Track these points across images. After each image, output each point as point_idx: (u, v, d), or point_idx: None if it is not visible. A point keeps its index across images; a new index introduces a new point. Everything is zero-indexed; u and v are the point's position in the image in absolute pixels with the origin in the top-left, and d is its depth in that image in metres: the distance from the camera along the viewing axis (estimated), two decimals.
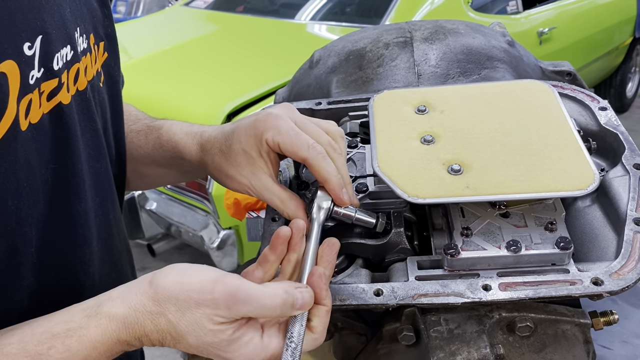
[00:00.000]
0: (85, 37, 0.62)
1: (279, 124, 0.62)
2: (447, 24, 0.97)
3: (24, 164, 0.51)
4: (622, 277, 0.58)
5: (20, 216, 0.51)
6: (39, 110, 0.53)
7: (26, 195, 0.52)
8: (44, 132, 0.54)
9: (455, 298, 0.59)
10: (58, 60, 0.55)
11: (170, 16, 3.78)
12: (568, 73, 0.99)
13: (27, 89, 0.51)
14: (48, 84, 0.54)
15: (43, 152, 0.54)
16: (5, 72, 0.48)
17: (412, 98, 0.76)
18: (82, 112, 0.60)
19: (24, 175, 0.51)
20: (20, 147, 0.50)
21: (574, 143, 0.66)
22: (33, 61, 0.51)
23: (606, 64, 4.66)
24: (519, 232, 0.63)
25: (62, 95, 0.56)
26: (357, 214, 0.65)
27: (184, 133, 0.75)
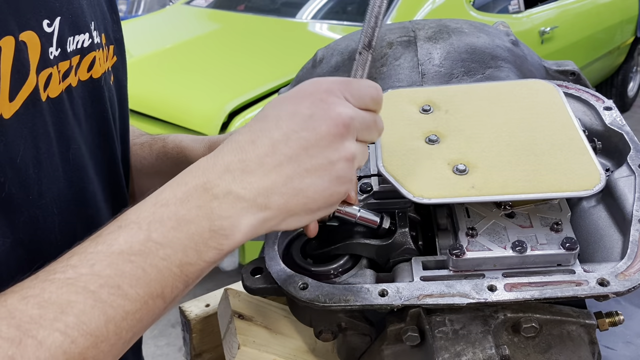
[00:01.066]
0: (99, 33, 0.63)
1: None
2: (451, 23, 0.96)
3: (43, 133, 0.51)
4: (628, 277, 0.58)
5: (41, 186, 0.51)
6: (58, 87, 0.53)
7: (46, 167, 0.52)
8: (62, 108, 0.54)
9: (460, 299, 0.59)
10: (70, 43, 0.56)
11: (171, 15, 3.78)
12: (572, 72, 0.99)
13: (46, 63, 0.51)
14: (63, 64, 0.55)
15: (59, 127, 0.54)
16: (26, 42, 0.48)
17: (417, 97, 0.76)
18: (93, 98, 0.61)
19: (44, 146, 0.51)
20: (39, 116, 0.51)
21: (579, 143, 0.65)
22: (52, 38, 0.52)
23: (608, 64, 4.66)
24: (524, 233, 0.63)
25: (72, 78, 0.57)
26: (360, 213, 0.65)
27: (190, 140, 0.77)
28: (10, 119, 0.47)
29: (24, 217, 0.50)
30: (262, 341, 0.78)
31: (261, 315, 0.81)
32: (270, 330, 0.80)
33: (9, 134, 0.48)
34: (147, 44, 3.14)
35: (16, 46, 0.47)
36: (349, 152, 0.49)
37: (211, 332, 0.93)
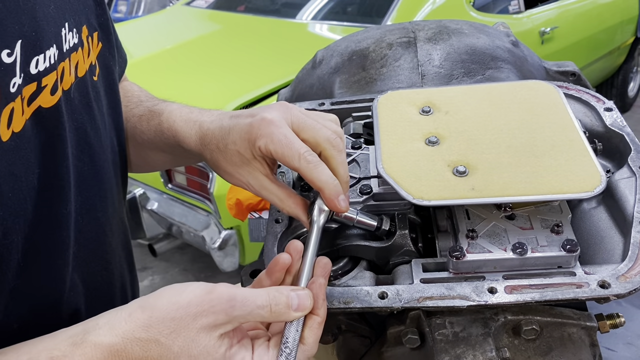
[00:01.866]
0: (76, 31, 0.60)
1: (272, 132, 0.61)
2: (451, 24, 0.96)
3: (7, 174, 0.49)
4: (629, 279, 0.58)
5: (5, 227, 0.50)
6: (22, 118, 0.51)
7: (11, 205, 0.50)
8: (27, 138, 0.52)
9: (460, 301, 0.58)
10: (38, 62, 0.53)
11: (172, 16, 3.78)
12: (572, 73, 0.99)
13: (8, 98, 0.49)
14: (27, 88, 0.52)
15: (28, 159, 0.52)
16: None
17: (417, 99, 0.76)
18: (67, 112, 0.58)
19: (8, 187, 0.50)
20: (2, 159, 0.49)
21: (580, 144, 0.65)
22: (14, 68, 0.49)
23: (608, 64, 4.66)
24: (524, 235, 0.63)
25: (42, 98, 0.54)
26: (358, 216, 0.65)
27: (183, 121, 0.74)
28: None
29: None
30: None
31: None
32: None
33: None
34: (148, 45, 3.13)
35: None
36: None
37: None
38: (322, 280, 0.57)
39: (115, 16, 5.58)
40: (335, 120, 0.66)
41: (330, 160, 0.62)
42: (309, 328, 0.55)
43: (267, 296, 0.53)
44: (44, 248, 0.56)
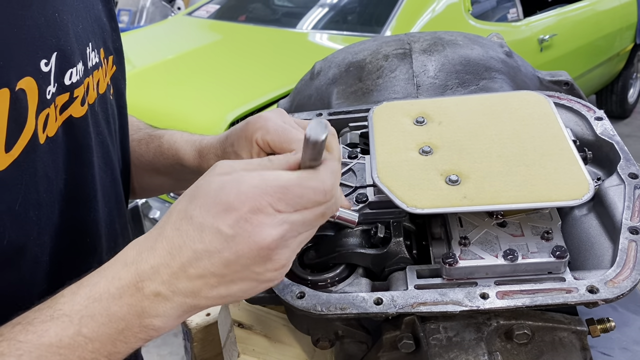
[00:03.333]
0: (97, 52, 0.65)
1: (267, 124, 0.63)
2: (446, 35, 0.98)
3: (43, 175, 0.53)
4: (617, 285, 0.59)
5: (40, 226, 0.53)
6: (55, 124, 0.55)
7: (45, 205, 0.53)
8: (59, 144, 0.56)
9: (453, 306, 0.60)
10: (72, 75, 0.57)
11: (173, 26, 3.81)
12: (565, 83, 1.00)
13: (44, 104, 0.52)
14: (60, 97, 0.56)
15: (58, 163, 0.56)
16: (24, 88, 0.49)
17: (411, 109, 0.78)
18: (93, 124, 0.62)
19: (43, 187, 0.53)
20: (39, 159, 0.52)
21: (569, 153, 0.67)
22: (49, 77, 0.53)
23: (607, 71, 4.68)
24: (515, 241, 0.64)
25: (74, 108, 0.58)
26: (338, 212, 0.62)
27: (184, 141, 0.77)
28: (6, 170, 0.48)
29: (26, 257, 0.52)
30: (262, 349, 0.79)
31: (260, 324, 0.83)
32: (269, 339, 0.81)
33: (6, 184, 0.49)
34: (150, 55, 3.17)
35: (12, 96, 0.48)
36: (277, 264, 0.48)
37: (212, 340, 0.94)
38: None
39: None
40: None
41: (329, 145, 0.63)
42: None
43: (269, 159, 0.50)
44: (68, 254, 0.59)
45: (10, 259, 0.51)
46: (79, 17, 0.61)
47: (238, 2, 3.82)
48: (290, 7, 3.85)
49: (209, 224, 0.46)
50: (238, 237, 0.45)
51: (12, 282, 0.51)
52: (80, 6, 0.62)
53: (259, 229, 0.45)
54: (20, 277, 0.52)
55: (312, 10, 3.42)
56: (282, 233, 0.46)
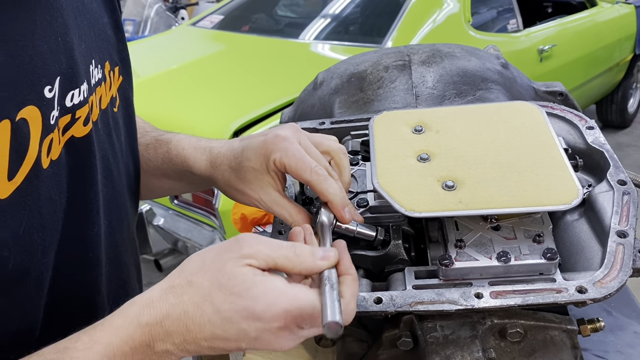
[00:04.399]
0: (100, 67, 0.66)
1: (286, 147, 0.67)
2: (444, 47, 1.02)
3: (46, 198, 0.54)
4: (604, 285, 0.62)
5: (44, 247, 0.55)
6: (58, 147, 0.56)
7: (49, 226, 0.55)
8: (62, 166, 0.57)
9: (449, 305, 0.63)
10: (74, 96, 0.58)
11: (178, 36, 3.86)
12: (560, 93, 1.04)
13: (48, 130, 0.54)
14: (63, 119, 0.57)
15: (61, 185, 0.57)
16: (26, 118, 0.50)
17: (409, 119, 0.81)
18: (96, 141, 0.64)
19: (47, 210, 0.54)
20: (42, 184, 0.53)
21: (559, 161, 0.70)
22: (53, 102, 0.54)
23: (607, 81, 4.72)
24: (508, 244, 0.68)
25: (76, 128, 0.59)
26: (358, 227, 0.70)
27: (192, 148, 0.79)
28: (9, 198, 0.49)
29: (31, 276, 0.54)
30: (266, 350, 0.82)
31: None
32: None
33: (9, 212, 0.49)
34: (154, 65, 3.21)
35: (13, 127, 0.49)
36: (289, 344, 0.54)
37: None
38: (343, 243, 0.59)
39: None
40: (336, 142, 0.73)
41: (339, 164, 0.70)
42: (344, 284, 0.55)
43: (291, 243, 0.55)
44: (71, 268, 0.61)
45: (16, 280, 0.52)
46: (82, 36, 0.61)
47: (241, 13, 3.87)
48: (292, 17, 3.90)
49: (236, 322, 0.51)
50: (259, 340, 0.52)
51: (17, 299, 0.53)
52: (84, 23, 0.62)
53: (280, 340, 0.52)
54: (25, 293, 0.54)
55: (315, 21, 3.46)
56: (296, 343, 0.53)
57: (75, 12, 0.61)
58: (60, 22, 0.57)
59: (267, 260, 0.52)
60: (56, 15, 0.56)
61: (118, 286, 0.72)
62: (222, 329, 0.51)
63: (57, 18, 0.56)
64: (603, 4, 4.70)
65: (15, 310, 0.53)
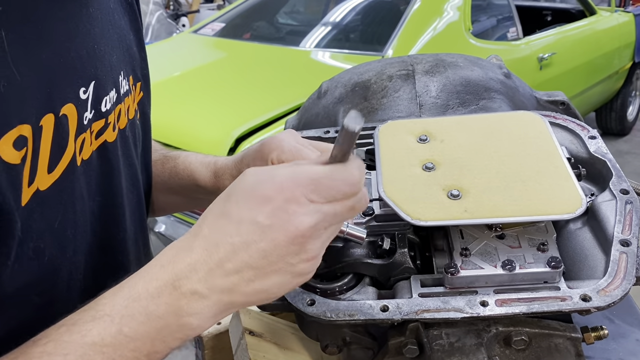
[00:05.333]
0: (127, 79, 0.69)
1: (282, 145, 0.68)
2: (447, 57, 1.03)
3: (79, 196, 0.56)
4: (608, 293, 0.63)
5: (76, 245, 0.56)
6: (90, 148, 0.59)
7: (80, 225, 0.57)
8: (93, 167, 0.59)
9: (455, 313, 0.64)
10: (106, 102, 0.61)
11: (180, 43, 3.88)
12: (562, 102, 1.05)
13: (82, 129, 0.57)
14: (97, 124, 0.60)
15: (91, 185, 0.59)
16: (67, 114, 0.54)
17: (414, 128, 0.82)
18: (123, 148, 0.66)
19: (79, 207, 0.57)
20: (76, 180, 0.56)
21: (563, 170, 0.71)
22: (87, 104, 0.58)
23: (606, 88, 4.74)
24: (513, 253, 0.68)
25: (108, 134, 0.62)
26: (348, 228, 0.68)
27: (199, 162, 0.81)
28: (47, 190, 0.51)
29: (62, 274, 0.55)
30: (272, 356, 0.83)
31: (271, 332, 0.87)
32: (279, 346, 0.85)
33: (48, 203, 0.51)
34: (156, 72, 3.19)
35: (56, 121, 0.52)
36: (310, 255, 0.50)
37: (222, 348, 0.98)
38: None
39: None
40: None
41: None
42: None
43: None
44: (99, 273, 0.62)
45: (49, 277, 0.54)
46: (114, 48, 0.65)
47: (243, 21, 3.89)
48: (293, 25, 3.92)
49: (247, 216, 0.49)
50: (275, 226, 0.48)
51: (48, 301, 0.54)
52: (114, 37, 0.66)
53: (294, 217, 0.48)
54: (56, 295, 0.55)
55: (315, 29, 3.48)
56: (315, 221, 0.49)
57: (108, 25, 0.64)
58: (97, 31, 0.60)
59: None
60: (94, 24, 0.60)
61: None
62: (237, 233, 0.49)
63: (94, 27, 0.60)
64: (602, 13, 4.73)
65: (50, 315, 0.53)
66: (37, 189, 0.50)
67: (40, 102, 0.50)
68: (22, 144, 0.48)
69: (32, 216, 0.50)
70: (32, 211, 0.50)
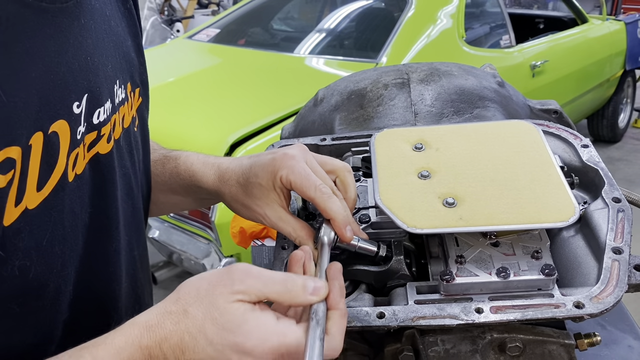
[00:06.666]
0: (123, 87, 0.68)
1: (293, 165, 0.69)
2: (442, 66, 1.04)
3: (69, 211, 0.56)
4: (601, 301, 0.64)
5: (64, 259, 0.56)
6: (83, 162, 0.58)
7: (70, 240, 0.57)
8: (86, 180, 0.59)
9: (450, 320, 0.64)
10: (100, 114, 0.60)
11: (174, 49, 3.88)
12: (555, 111, 1.07)
13: (75, 144, 0.56)
14: (89, 136, 0.59)
15: (84, 198, 0.59)
16: (57, 131, 0.53)
17: (410, 136, 0.83)
18: (117, 158, 0.66)
19: (69, 222, 0.56)
20: (67, 197, 0.55)
21: (556, 179, 0.72)
22: (80, 118, 0.57)
23: (598, 96, 4.78)
24: (508, 260, 0.69)
25: (100, 145, 0.61)
26: (360, 243, 0.71)
27: (201, 163, 0.81)
28: (36, 208, 0.51)
29: (49, 288, 0.55)
30: None
31: None
32: None
33: (35, 222, 0.51)
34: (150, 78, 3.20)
35: (45, 139, 0.51)
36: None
37: None
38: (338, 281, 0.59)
39: None
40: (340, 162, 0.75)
41: (344, 181, 0.72)
42: (330, 319, 0.56)
43: (283, 275, 0.56)
44: (91, 283, 0.62)
45: (34, 291, 0.53)
46: (109, 57, 0.64)
47: (237, 27, 3.90)
48: (288, 32, 3.94)
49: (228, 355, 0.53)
50: None
51: (33, 312, 0.54)
52: (110, 45, 0.65)
53: None
54: (42, 306, 0.54)
55: (310, 35, 3.50)
56: None
57: (103, 34, 0.63)
58: (89, 42, 0.59)
59: (258, 295, 0.54)
60: (86, 35, 0.59)
61: (134, 301, 0.73)
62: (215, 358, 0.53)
63: (87, 38, 0.59)
64: (594, 21, 4.78)
65: (31, 323, 0.54)
66: (25, 207, 0.50)
67: (30, 121, 0.49)
68: (10, 167, 0.47)
69: (19, 235, 0.49)
70: (19, 231, 0.49)
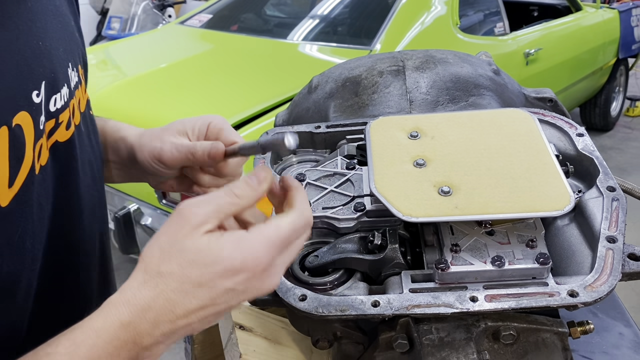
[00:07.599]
0: (76, 70, 0.65)
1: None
2: (437, 53, 1.04)
3: (37, 205, 0.54)
4: (595, 289, 0.64)
5: (34, 254, 0.54)
6: (46, 152, 0.56)
7: (38, 233, 0.55)
8: (49, 171, 0.57)
9: (445, 308, 0.65)
10: (56, 101, 0.57)
11: (165, 34, 3.84)
12: (550, 99, 1.06)
13: (39, 135, 0.53)
14: (48, 124, 0.56)
15: (48, 190, 0.57)
16: (20, 123, 0.50)
17: (405, 124, 0.82)
18: (79, 145, 0.63)
19: (37, 216, 0.54)
20: (35, 190, 0.53)
21: (552, 167, 0.72)
22: (41, 107, 0.54)
23: (591, 84, 4.79)
24: (503, 249, 0.69)
25: (59, 133, 0.59)
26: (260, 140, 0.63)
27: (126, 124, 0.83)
28: (9, 205, 0.49)
29: (21, 284, 0.53)
30: (262, 351, 0.83)
31: (261, 326, 0.87)
32: (269, 341, 0.85)
33: (8, 219, 0.49)
34: (142, 64, 3.19)
35: (10, 134, 0.49)
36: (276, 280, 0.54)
37: (212, 342, 0.98)
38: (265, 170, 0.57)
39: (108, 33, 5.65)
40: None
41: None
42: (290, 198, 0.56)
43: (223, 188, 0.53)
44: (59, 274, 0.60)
45: (7, 288, 0.51)
46: (59, 40, 0.61)
47: (230, 12, 3.86)
48: (281, 17, 3.91)
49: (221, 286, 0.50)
50: (248, 290, 0.51)
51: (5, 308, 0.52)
52: (57, 27, 0.61)
53: (268, 281, 0.52)
54: (14, 301, 0.53)
55: (303, 21, 3.47)
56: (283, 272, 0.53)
57: (50, 16, 0.60)
58: (39, 26, 0.56)
59: (218, 217, 0.51)
60: (35, 19, 0.55)
61: (103, 287, 0.72)
62: (209, 299, 0.50)
63: (36, 22, 0.56)
64: (588, 9, 4.77)
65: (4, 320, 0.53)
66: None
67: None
68: None
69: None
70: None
